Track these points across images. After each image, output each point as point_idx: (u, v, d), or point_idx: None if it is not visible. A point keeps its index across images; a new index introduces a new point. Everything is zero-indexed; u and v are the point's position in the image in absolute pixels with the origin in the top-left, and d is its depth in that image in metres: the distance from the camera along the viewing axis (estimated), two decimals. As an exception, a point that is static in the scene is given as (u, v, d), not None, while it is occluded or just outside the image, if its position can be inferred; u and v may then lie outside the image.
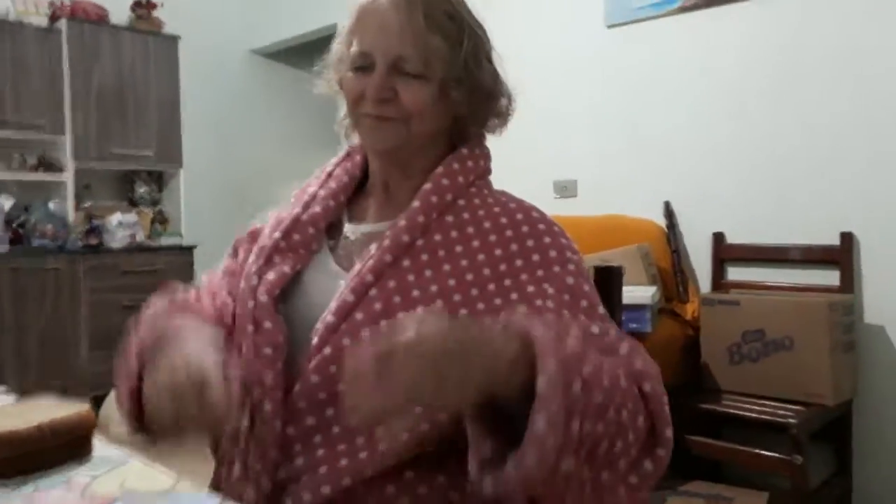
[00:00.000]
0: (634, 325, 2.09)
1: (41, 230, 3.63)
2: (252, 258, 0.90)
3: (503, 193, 0.92)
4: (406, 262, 0.81)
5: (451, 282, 0.80)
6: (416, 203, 0.85)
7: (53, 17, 3.81)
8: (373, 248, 0.83)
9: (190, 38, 4.23)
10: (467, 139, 0.92)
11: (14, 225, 3.62)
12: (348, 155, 0.98)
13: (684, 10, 2.70)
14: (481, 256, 0.82)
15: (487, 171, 0.93)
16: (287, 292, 0.85)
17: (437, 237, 0.83)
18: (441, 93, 0.85)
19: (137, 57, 4.05)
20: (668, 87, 2.76)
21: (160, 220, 4.29)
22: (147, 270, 3.87)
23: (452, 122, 0.90)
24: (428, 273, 0.80)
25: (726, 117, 2.58)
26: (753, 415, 2.02)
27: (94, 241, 3.82)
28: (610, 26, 2.94)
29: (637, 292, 2.16)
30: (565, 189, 3.09)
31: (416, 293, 0.78)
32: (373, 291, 0.79)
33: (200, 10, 4.48)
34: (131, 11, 4.12)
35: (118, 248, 3.87)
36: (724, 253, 2.53)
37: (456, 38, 0.85)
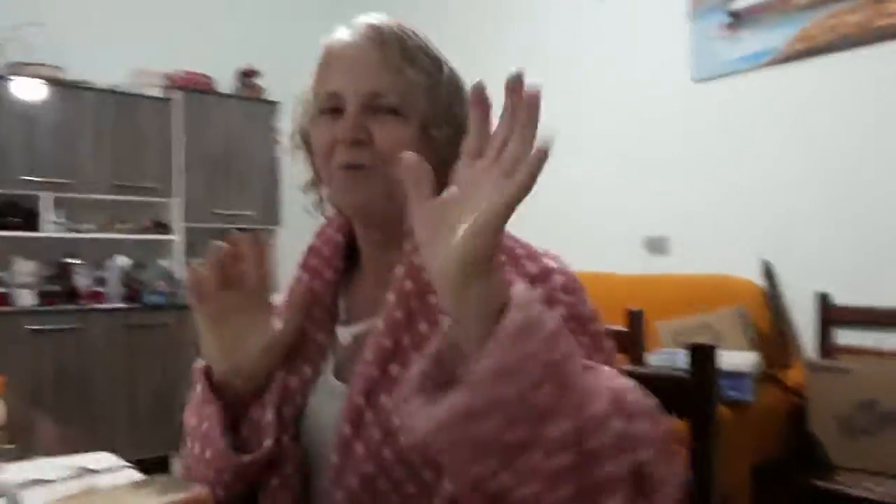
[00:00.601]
0: (734, 394, 1.99)
1: (154, 287, 3.88)
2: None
3: (511, 244, 0.75)
4: (395, 370, 0.71)
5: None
6: (391, 296, 0.73)
7: (167, 88, 4.14)
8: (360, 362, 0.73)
9: (289, 103, 4.48)
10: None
11: (130, 282, 3.89)
12: (321, 233, 0.86)
13: (776, 62, 2.63)
14: None
15: None
16: (299, 407, 0.78)
17: (423, 327, 0.71)
18: (422, 133, 0.74)
19: (241, 122, 4.32)
20: (764, 139, 2.68)
21: (260, 275, 4.49)
22: (247, 324, 4.05)
23: (438, 169, 0.75)
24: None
25: (828, 170, 2.47)
26: (874, 497, 1.86)
27: (199, 297, 4.04)
28: (697, 81, 2.91)
29: (736, 358, 2.07)
30: (656, 246, 3.03)
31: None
32: (368, 416, 0.70)
33: (298, 76, 4.73)
34: (236, 80, 4.42)
35: (221, 303, 4.07)
36: (831, 315, 2.39)
37: (435, 73, 0.76)
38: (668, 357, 1.96)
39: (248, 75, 4.43)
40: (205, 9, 4.42)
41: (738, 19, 2.75)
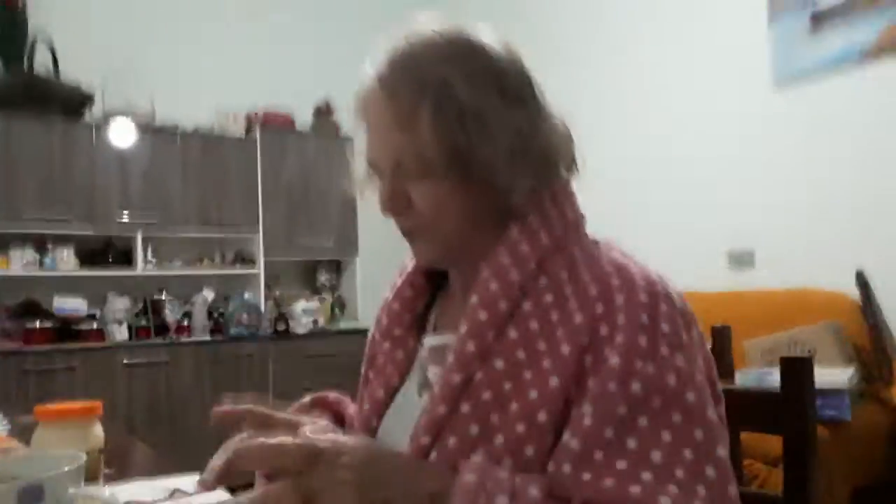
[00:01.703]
0: (831, 413, 1.88)
1: (238, 319, 4.03)
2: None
3: (602, 254, 0.72)
4: (479, 377, 0.68)
5: (533, 395, 0.65)
6: (473, 299, 0.70)
7: (248, 128, 4.33)
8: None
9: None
10: (523, 204, 0.73)
11: (214, 315, 4.05)
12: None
13: (864, 61, 2.51)
14: (566, 349, 0.65)
15: (569, 229, 0.74)
16: (384, 415, 0.80)
17: (513, 334, 0.68)
18: (457, 175, 0.70)
19: (319, 157, 4.47)
20: (853, 142, 2.56)
21: (339, 305, 4.60)
22: (327, 354, 4.14)
23: (490, 203, 0.72)
24: (507, 387, 0.66)
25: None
26: None
27: (282, 328, 4.18)
28: (779, 84, 2.81)
29: (831, 375, 1.95)
30: (741, 260, 2.92)
31: (494, 419, 0.66)
32: (447, 425, 0.68)
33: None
34: (313, 117, 4.58)
35: (302, 334, 4.19)
36: (937, 328, 2.23)
37: (445, 104, 0.68)
38: (757, 377, 1.87)
39: (323, 113, 4.58)
40: (284, 48, 4.62)
41: (820, 18, 2.65)
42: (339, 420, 0.90)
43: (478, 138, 0.68)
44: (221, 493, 0.86)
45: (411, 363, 0.81)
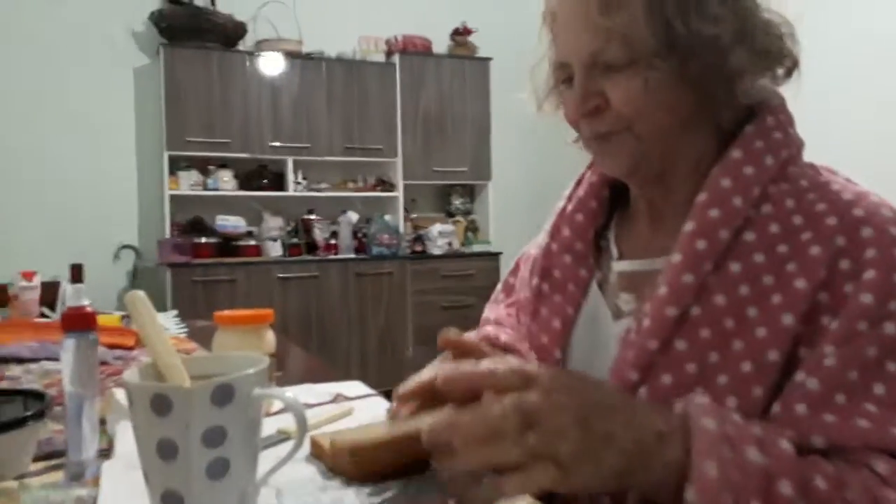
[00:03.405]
0: None
1: (379, 239, 4.20)
2: (522, 298, 0.81)
3: (831, 179, 0.65)
4: (696, 312, 0.62)
5: (761, 332, 0.59)
6: (689, 226, 0.63)
7: (389, 53, 4.37)
8: (648, 301, 0.65)
9: (499, 59, 4.52)
10: (737, 115, 0.67)
11: (358, 235, 4.24)
12: (582, 177, 0.81)
13: None
14: (801, 284, 0.59)
15: (793, 154, 0.67)
16: (568, 345, 0.74)
17: (735, 267, 0.62)
18: (657, 71, 0.63)
19: (455, 81, 4.45)
20: None
21: (472, 228, 4.66)
22: (461, 274, 4.27)
23: (701, 104, 0.65)
24: (729, 324, 0.61)
25: None
26: None
27: (419, 249, 4.34)
28: None
29: None
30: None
31: (713, 357, 0.60)
32: (660, 361, 0.62)
33: (509, 32, 4.75)
34: (450, 39, 4.54)
35: (438, 255, 4.32)
36: None
37: None
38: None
39: (461, 34, 4.52)
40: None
41: None
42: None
43: (698, 18, 0.61)
44: (382, 401, 0.92)
45: (588, 287, 0.75)
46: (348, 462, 0.64)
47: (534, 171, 4.89)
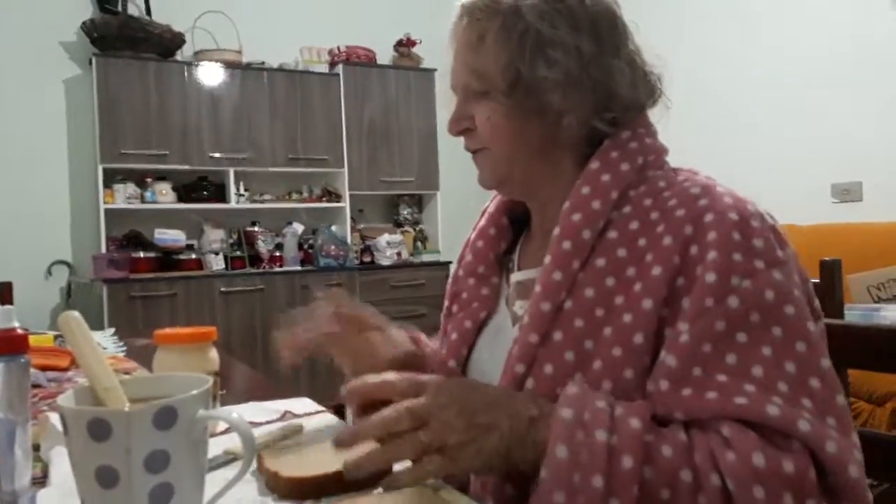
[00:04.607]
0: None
1: (326, 251, 4.15)
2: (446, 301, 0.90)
3: (686, 178, 0.72)
4: (569, 305, 0.69)
5: (627, 318, 0.65)
6: (556, 231, 0.72)
7: (332, 63, 4.33)
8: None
9: (444, 70, 4.53)
10: (604, 137, 0.75)
11: (304, 247, 4.18)
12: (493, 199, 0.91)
13: None
14: (657, 272, 0.65)
15: (651, 160, 0.74)
16: (472, 345, 0.83)
17: (601, 262, 0.69)
18: (511, 98, 0.73)
19: (400, 92, 4.44)
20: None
21: (421, 238, 4.66)
22: (411, 284, 4.25)
23: (546, 133, 0.75)
24: (599, 313, 0.67)
25: None
26: None
27: (367, 259, 4.30)
28: (899, 5, 2.56)
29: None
30: (847, 193, 2.76)
31: (588, 345, 0.67)
32: (541, 353, 0.69)
33: (453, 40, 4.79)
34: (394, 50, 4.54)
35: (387, 265, 4.29)
36: None
37: (511, 24, 0.72)
38: (867, 313, 1.77)
39: (405, 45, 4.53)
40: (361, -18, 4.56)
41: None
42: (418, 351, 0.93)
43: (534, 60, 0.71)
44: (331, 417, 0.90)
45: (496, 300, 0.83)
46: (283, 491, 0.64)
47: (479, 179, 4.93)
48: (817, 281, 1.15)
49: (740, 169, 2.96)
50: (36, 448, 0.71)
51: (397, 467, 0.60)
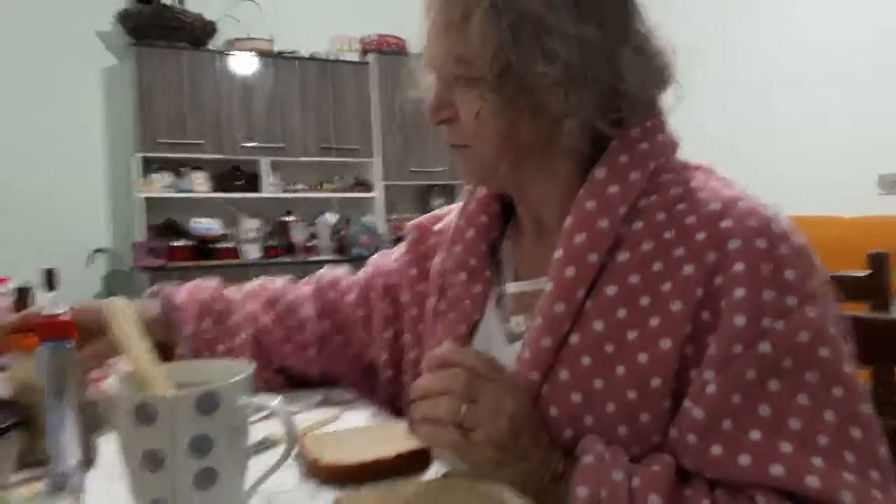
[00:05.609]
0: None
1: (359, 241, 4.17)
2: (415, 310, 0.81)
3: (702, 186, 0.63)
4: (575, 340, 0.61)
5: (642, 358, 0.59)
6: (558, 252, 0.63)
7: (363, 52, 4.34)
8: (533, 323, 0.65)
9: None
10: (610, 131, 0.64)
11: (337, 236, 4.21)
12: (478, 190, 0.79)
13: None
14: (677, 307, 0.58)
15: (662, 162, 0.65)
16: None
17: (611, 290, 0.61)
18: (499, 88, 0.61)
19: (431, 79, 4.44)
20: None
21: (452, 227, 4.65)
22: (442, 274, 4.26)
23: (540, 134, 0.64)
24: (609, 350, 0.60)
25: None
26: None
27: (398, 249, 4.31)
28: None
29: None
30: (894, 185, 2.68)
31: (598, 385, 0.60)
32: (545, 390, 0.62)
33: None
34: (425, 39, 4.52)
35: (418, 255, 4.30)
36: None
37: (502, 7, 0.59)
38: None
39: (435, 32, 4.51)
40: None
41: None
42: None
43: (531, 52, 0.59)
44: (366, 405, 0.91)
45: (486, 300, 0.74)
46: (324, 477, 0.64)
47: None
48: (864, 274, 1.12)
49: (784, 160, 2.90)
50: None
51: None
